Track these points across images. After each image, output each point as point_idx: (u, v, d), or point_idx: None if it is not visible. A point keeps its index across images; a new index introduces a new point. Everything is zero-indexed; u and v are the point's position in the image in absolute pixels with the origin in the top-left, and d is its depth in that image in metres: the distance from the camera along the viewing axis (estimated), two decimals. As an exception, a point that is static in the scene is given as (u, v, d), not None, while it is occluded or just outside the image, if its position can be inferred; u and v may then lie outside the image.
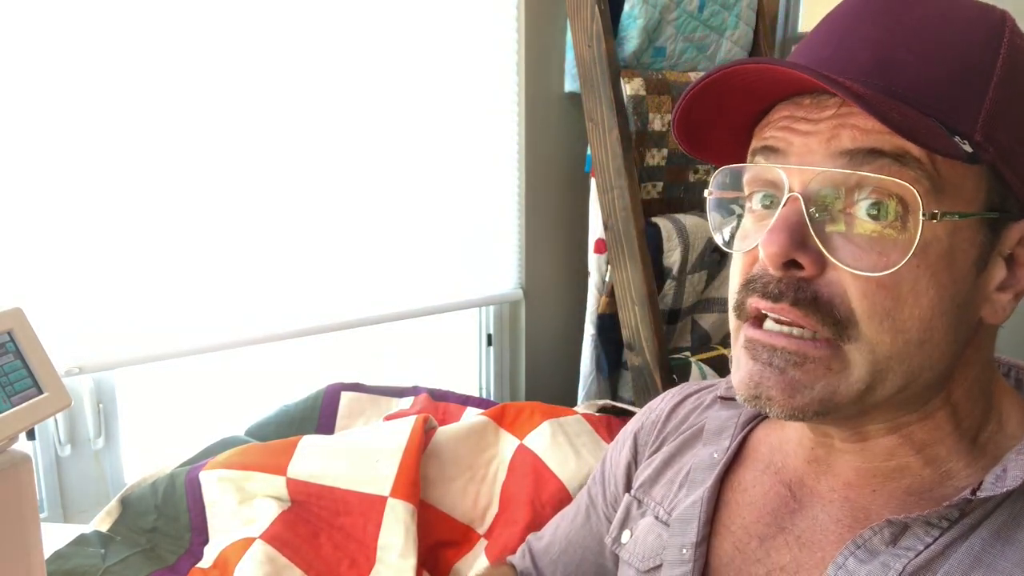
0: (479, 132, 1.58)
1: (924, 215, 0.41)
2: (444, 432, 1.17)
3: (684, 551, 0.59)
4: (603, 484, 0.75)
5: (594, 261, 1.62)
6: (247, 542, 0.99)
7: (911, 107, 0.42)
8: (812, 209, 0.44)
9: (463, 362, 1.75)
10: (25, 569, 0.69)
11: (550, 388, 1.76)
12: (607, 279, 1.61)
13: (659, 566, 0.61)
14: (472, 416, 1.26)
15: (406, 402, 1.36)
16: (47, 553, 0.91)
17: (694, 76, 1.65)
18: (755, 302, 0.46)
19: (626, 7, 1.54)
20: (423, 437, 1.12)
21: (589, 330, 1.65)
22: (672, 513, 0.62)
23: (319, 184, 1.39)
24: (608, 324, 1.62)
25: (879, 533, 0.47)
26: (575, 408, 1.33)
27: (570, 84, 1.65)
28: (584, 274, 1.66)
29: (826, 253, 0.43)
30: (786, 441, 0.58)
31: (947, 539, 0.45)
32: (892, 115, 0.39)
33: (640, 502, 0.67)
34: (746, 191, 0.50)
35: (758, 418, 0.63)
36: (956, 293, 0.43)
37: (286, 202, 1.36)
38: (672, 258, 1.55)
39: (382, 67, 1.42)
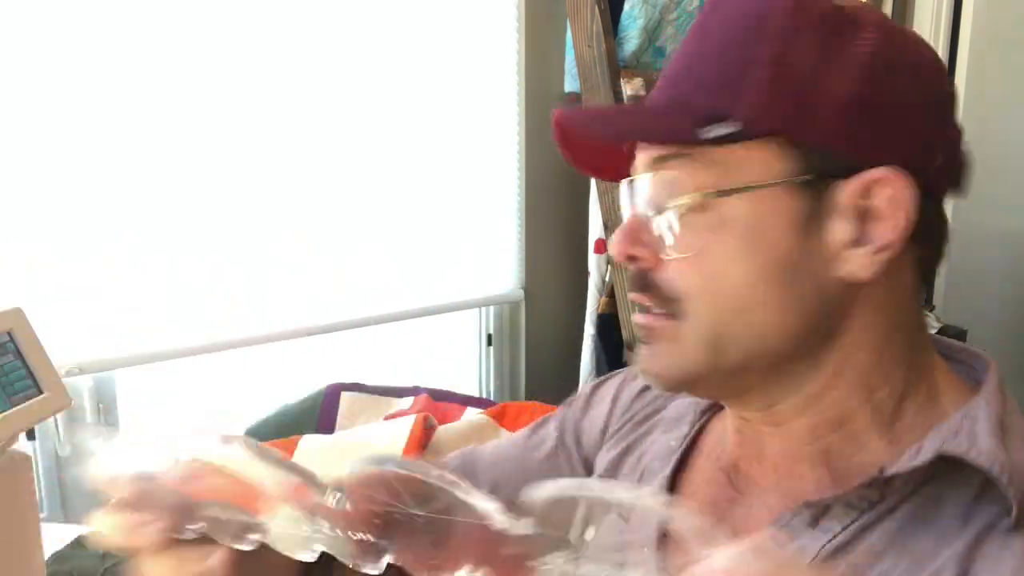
0: (479, 132, 1.58)
1: (710, 195, 0.47)
2: (444, 431, 1.17)
3: (646, 550, 0.57)
4: (575, 434, 0.70)
5: (594, 261, 1.62)
6: (247, 542, 0.99)
7: (684, 107, 0.49)
8: (645, 212, 0.50)
9: (463, 362, 1.75)
10: (25, 569, 0.69)
11: (550, 388, 1.76)
12: (607, 279, 1.61)
13: (622, 564, 0.60)
14: (472, 415, 1.26)
15: (406, 402, 1.36)
16: (47, 554, 0.91)
17: (694, 76, 1.65)
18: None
19: (626, 7, 1.54)
20: (423, 436, 1.12)
21: (589, 330, 1.64)
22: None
23: (320, 185, 1.39)
24: (608, 324, 1.62)
25: (800, 515, 0.48)
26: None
27: (570, 84, 1.65)
28: (584, 274, 1.66)
29: (657, 245, 0.50)
30: (724, 429, 0.59)
31: (867, 520, 0.46)
32: (617, 129, 0.52)
33: None
34: None
35: (715, 407, 0.62)
36: (778, 259, 0.47)
37: (287, 203, 1.35)
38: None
39: (382, 68, 1.42)
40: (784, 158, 0.46)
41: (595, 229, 1.60)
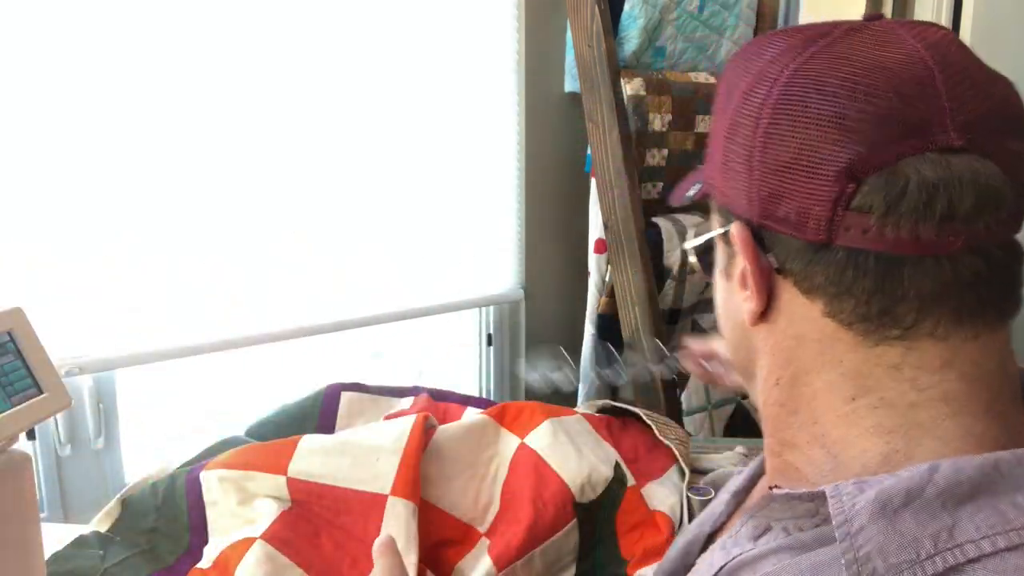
0: (479, 132, 1.58)
1: (701, 242, 0.57)
2: (444, 431, 1.17)
3: (725, 494, 0.64)
4: None
5: (594, 261, 1.62)
6: (248, 542, 0.99)
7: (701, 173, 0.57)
8: None
9: (463, 362, 1.75)
10: (25, 569, 0.69)
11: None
12: (607, 279, 1.61)
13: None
14: (472, 415, 1.25)
15: (406, 402, 1.35)
16: (47, 554, 0.91)
17: (694, 76, 1.65)
18: None
19: (626, 7, 1.54)
20: (423, 435, 1.12)
21: (589, 330, 1.64)
22: None
23: (320, 185, 1.39)
24: (608, 324, 1.62)
25: (745, 525, 0.50)
26: (575, 408, 1.32)
27: (570, 84, 1.65)
28: (584, 274, 1.66)
29: None
30: None
31: (790, 542, 0.45)
32: (676, 195, 0.60)
33: None
34: None
35: None
36: (720, 295, 0.56)
37: (287, 203, 1.36)
38: (672, 258, 1.55)
39: (382, 68, 1.42)
40: (718, 213, 0.54)
41: (595, 229, 1.60)
